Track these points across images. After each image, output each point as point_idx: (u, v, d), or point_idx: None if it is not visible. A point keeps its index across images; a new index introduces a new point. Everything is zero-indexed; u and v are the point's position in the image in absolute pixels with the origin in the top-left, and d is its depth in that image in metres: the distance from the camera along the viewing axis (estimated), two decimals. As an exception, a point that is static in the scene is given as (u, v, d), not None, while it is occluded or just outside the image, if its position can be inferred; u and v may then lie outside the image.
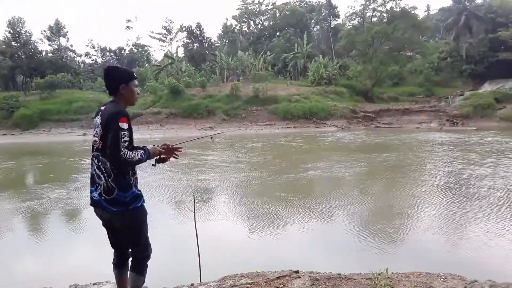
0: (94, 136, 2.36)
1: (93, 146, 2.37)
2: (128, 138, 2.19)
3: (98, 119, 2.32)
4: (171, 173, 10.88)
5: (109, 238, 2.54)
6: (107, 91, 2.38)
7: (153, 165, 2.54)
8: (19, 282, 4.28)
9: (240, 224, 6.19)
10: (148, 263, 2.53)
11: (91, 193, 2.38)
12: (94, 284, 3.52)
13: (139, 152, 2.28)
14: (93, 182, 2.36)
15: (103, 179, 2.27)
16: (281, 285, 3.10)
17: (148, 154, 2.34)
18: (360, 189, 8.46)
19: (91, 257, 4.93)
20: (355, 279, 3.17)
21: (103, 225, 2.46)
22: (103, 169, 2.28)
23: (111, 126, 2.17)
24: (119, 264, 2.59)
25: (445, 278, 3.21)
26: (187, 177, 10.38)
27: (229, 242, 5.43)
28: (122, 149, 2.15)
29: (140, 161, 2.28)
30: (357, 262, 4.30)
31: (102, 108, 2.35)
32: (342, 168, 10.74)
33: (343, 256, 4.81)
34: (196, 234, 3.60)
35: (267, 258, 4.60)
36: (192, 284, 3.35)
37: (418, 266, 3.68)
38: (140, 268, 2.47)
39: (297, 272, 3.38)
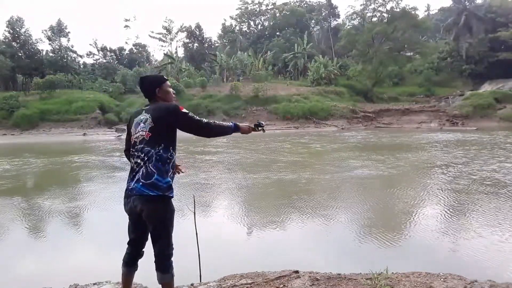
0: (137, 132, 2.48)
1: (135, 143, 2.49)
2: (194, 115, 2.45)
3: (142, 116, 2.49)
4: (213, 172, 11.01)
5: (129, 232, 2.57)
6: (146, 98, 2.61)
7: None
8: (19, 282, 4.28)
9: (241, 224, 6.19)
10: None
11: (127, 186, 2.48)
12: (94, 284, 3.51)
13: (229, 123, 2.56)
14: (131, 174, 2.48)
15: (143, 166, 2.40)
16: (281, 285, 3.10)
17: (235, 127, 2.56)
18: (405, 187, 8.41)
19: (91, 257, 4.93)
20: (355, 279, 3.17)
21: (130, 218, 2.52)
22: (145, 157, 2.40)
23: (178, 116, 2.41)
24: (129, 262, 2.59)
25: (445, 278, 3.21)
26: (236, 175, 10.38)
27: (229, 242, 5.43)
28: (202, 119, 2.42)
29: (229, 127, 2.52)
30: (357, 262, 4.30)
31: (145, 108, 2.56)
32: (385, 168, 10.65)
33: (343, 256, 4.81)
34: (196, 234, 3.60)
35: (267, 258, 4.60)
36: (192, 284, 3.35)
37: (418, 266, 3.68)
38: (162, 266, 2.47)
39: (297, 272, 3.38)
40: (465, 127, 25.90)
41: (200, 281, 3.46)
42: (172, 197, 2.45)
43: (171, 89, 2.64)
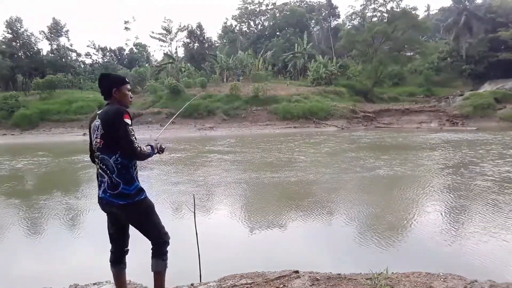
0: (94, 139, 2.46)
1: (93, 149, 2.48)
2: (133, 132, 2.34)
3: (96, 122, 2.44)
4: (238, 171, 10.92)
5: (108, 228, 2.60)
6: (103, 97, 2.54)
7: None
8: (19, 282, 4.27)
9: (242, 224, 6.19)
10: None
11: (98, 192, 2.50)
12: (94, 284, 3.51)
13: (148, 146, 2.47)
14: (98, 181, 2.49)
15: (106, 176, 2.39)
16: (281, 285, 3.10)
17: (154, 150, 2.53)
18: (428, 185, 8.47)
19: (91, 257, 4.93)
20: (355, 279, 3.17)
21: (107, 215, 2.57)
22: (105, 167, 2.39)
23: (117, 123, 2.30)
24: (116, 262, 2.62)
25: (445, 278, 3.21)
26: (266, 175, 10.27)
27: (229, 242, 5.42)
28: (135, 141, 2.31)
29: (149, 155, 2.46)
30: (357, 262, 4.30)
31: (99, 112, 2.49)
32: (399, 168, 10.64)
33: (343, 256, 4.81)
34: (196, 234, 3.60)
35: (267, 258, 4.60)
36: (192, 284, 3.35)
37: (418, 266, 3.68)
38: (158, 253, 2.53)
39: (297, 272, 3.38)
40: (465, 127, 25.87)
41: (200, 281, 3.46)
42: (144, 198, 2.47)
43: (129, 93, 2.57)
